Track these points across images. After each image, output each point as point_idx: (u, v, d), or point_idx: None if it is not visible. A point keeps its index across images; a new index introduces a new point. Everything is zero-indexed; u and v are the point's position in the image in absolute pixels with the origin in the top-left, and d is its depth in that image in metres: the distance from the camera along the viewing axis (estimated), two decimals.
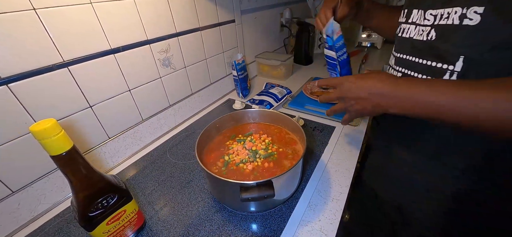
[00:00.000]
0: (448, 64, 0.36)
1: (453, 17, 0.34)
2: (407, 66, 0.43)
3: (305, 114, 0.77)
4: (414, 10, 0.42)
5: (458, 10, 0.33)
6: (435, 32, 0.37)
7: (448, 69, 0.36)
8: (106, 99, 0.56)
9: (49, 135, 0.29)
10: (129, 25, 0.56)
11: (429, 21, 0.38)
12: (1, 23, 0.39)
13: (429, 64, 0.38)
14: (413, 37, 0.42)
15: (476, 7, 0.31)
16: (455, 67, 0.35)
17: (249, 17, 0.99)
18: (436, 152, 0.42)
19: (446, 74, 0.36)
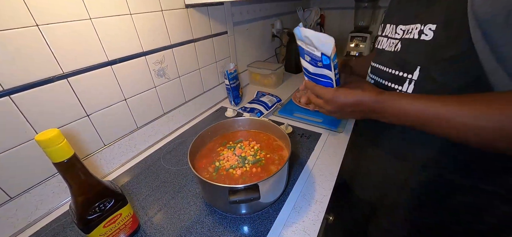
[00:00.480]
0: (408, 73, 0.40)
1: (414, 32, 0.39)
2: (378, 74, 0.48)
3: (294, 122, 0.81)
4: (387, 25, 0.47)
5: (418, 26, 0.38)
6: (401, 44, 0.42)
7: (408, 78, 0.40)
8: (103, 108, 0.59)
9: (53, 144, 0.32)
10: (126, 38, 0.60)
11: (399, 35, 0.43)
12: (7, 39, 0.42)
13: (393, 73, 0.43)
14: (385, 48, 0.47)
15: (431, 25, 0.36)
16: (413, 76, 0.39)
17: (241, 29, 1.04)
18: (399, 149, 0.47)
19: (406, 82, 0.41)
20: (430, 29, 0.36)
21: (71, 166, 0.35)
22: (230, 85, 0.89)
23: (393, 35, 0.45)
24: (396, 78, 0.42)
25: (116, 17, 0.56)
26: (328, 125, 0.77)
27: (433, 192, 0.45)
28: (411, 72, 0.39)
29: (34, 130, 0.48)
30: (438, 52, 0.35)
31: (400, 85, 0.42)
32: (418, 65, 0.38)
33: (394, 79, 0.43)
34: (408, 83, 0.40)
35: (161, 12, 0.67)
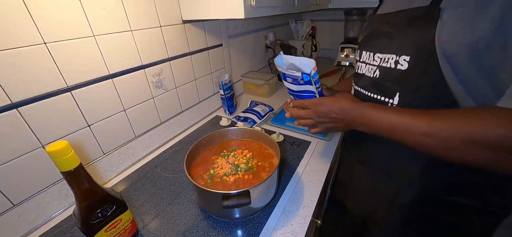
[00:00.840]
0: (388, 98, 0.43)
1: (390, 61, 0.42)
2: (361, 97, 0.50)
3: (285, 130, 0.86)
4: (363, 51, 0.50)
5: (394, 56, 0.41)
6: (379, 71, 0.45)
7: (389, 102, 0.43)
8: (103, 118, 0.62)
9: (62, 154, 0.35)
10: (127, 52, 0.64)
11: (376, 62, 0.46)
12: (17, 56, 0.45)
13: (375, 97, 0.46)
14: (365, 73, 0.49)
15: (405, 56, 0.39)
16: (393, 101, 0.43)
17: (235, 41, 1.09)
18: (386, 167, 0.49)
19: (387, 105, 0.44)
20: (405, 60, 0.39)
21: (77, 174, 0.38)
22: (224, 95, 0.93)
23: (371, 62, 0.47)
24: (377, 102, 0.46)
25: (117, 33, 0.60)
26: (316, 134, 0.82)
27: (420, 209, 0.47)
28: (392, 97, 0.43)
29: (39, 141, 0.51)
30: (414, 81, 0.39)
31: None
32: (397, 91, 0.42)
33: (376, 103, 0.46)
34: None
35: (159, 28, 0.71)
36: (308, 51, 1.61)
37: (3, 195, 0.48)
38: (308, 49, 1.61)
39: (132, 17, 0.63)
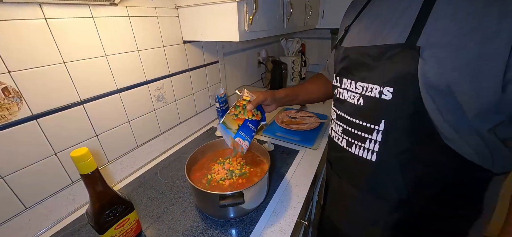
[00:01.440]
0: (374, 125, 0.45)
1: (374, 92, 0.43)
2: (345, 122, 0.52)
3: (276, 140, 0.94)
4: (344, 79, 0.52)
5: (377, 87, 0.43)
6: (363, 100, 0.46)
7: (375, 128, 0.45)
8: (109, 129, 0.68)
9: (84, 159, 0.42)
10: (133, 70, 0.71)
11: (359, 90, 0.47)
12: (39, 74, 0.51)
13: (361, 123, 0.47)
14: (348, 100, 0.51)
15: (388, 88, 0.41)
16: (379, 127, 0.44)
17: (230, 58, 1.19)
18: (373, 188, 0.50)
19: (373, 131, 0.45)
20: (389, 91, 0.41)
21: (93, 177, 0.44)
22: (220, 108, 1.01)
23: (353, 89, 0.49)
24: (363, 127, 0.47)
25: (126, 53, 0.68)
26: (304, 143, 0.90)
27: (409, 226, 0.49)
28: (377, 123, 0.44)
29: (52, 149, 0.56)
30: (398, 110, 0.41)
31: (370, 134, 0.46)
32: (382, 118, 0.43)
33: (361, 128, 0.48)
34: (376, 133, 0.45)
35: (162, 48, 0.79)
36: (298, 67, 1.72)
37: (18, 199, 0.53)
38: (298, 65, 1.72)
39: (139, 38, 0.71)
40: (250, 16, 0.72)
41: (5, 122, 0.48)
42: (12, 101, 0.49)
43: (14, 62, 0.48)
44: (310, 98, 0.80)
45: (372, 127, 0.45)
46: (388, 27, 0.43)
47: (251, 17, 0.72)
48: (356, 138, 0.49)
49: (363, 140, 0.47)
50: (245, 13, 0.71)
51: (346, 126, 0.52)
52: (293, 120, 1.08)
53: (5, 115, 0.48)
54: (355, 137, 0.49)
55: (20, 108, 0.50)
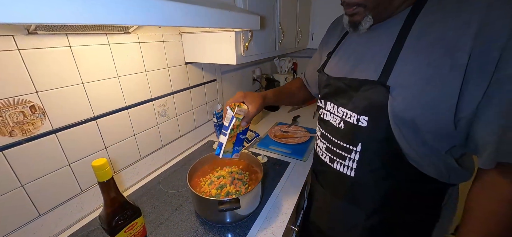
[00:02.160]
0: (353, 146, 0.51)
1: (353, 118, 0.50)
2: (329, 141, 0.58)
3: (269, 153, 1.01)
4: (328, 102, 0.58)
5: (355, 115, 0.49)
6: (343, 124, 0.53)
7: (353, 149, 0.51)
8: (117, 142, 0.75)
9: (103, 168, 0.48)
10: (141, 89, 0.79)
11: (340, 114, 0.53)
12: (62, 93, 0.59)
13: (342, 144, 0.54)
14: (330, 121, 0.57)
15: (364, 116, 0.48)
16: (357, 148, 0.50)
17: (227, 76, 1.28)
18: (351, 199, 0.57)
19: (352, 152, 0.51)
20: (364, 119, 0.48)
21: (109, 184, 0.51)
22: (217, 123, 1.09)
23: (336, 112, 0.55)
24: (343, 147, 0.54)
25: (135, 74, 0.76)
26: (295, 155, 0.98)
27: (382, 230, 0.55)
28: (355, 145, 0.51)
29: (67, 160, 0.63)
30: (372, 135, 0.48)
31: (349, 153, 0.53)
32: (359, 141, 0.50)
33: (341, 148, 0.54)
34: (354, 153, 0.52)
35: (167, 68, 0.88)
36: None
37: (34, 206, 0.58)
38: None
39: (147, 61, 0.79)
40: (246, 43, 0.82)
41: (30, 136, 0.55)
42: (37, 117, 0.56)
43: (41, 83, 0.55)
44: (291, 101, 0.87)
45: (351, 148, 0.52)
46: (364, 63, 0.51)
47: (246, 44, 0.82)
48: (337, 156, 0.56)
49: (343, 158, 0.55)
50: (242, 41, 0.81)
51: (329, 144, 0.58)
52: (285, 134, 1.17)
53: (30, 129, 0.55)
54: (337, 155, 0.56)
55: (43, 123, 0.57)
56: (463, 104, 0.39)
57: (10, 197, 0.54)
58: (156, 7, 0.37)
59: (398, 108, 0.43)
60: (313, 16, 1.61)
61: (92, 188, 0.70)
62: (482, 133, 0.39)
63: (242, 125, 0.64)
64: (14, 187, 0.54)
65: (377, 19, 0.48)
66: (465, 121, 0.40)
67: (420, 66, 0.41)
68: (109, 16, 0.31)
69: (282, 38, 1.13)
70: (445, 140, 0.43)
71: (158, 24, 0.38)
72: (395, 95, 0.43)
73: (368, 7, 0.46)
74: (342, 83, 0.54)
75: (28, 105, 0.54)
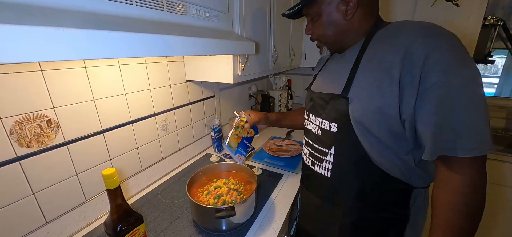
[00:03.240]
0: (328, 149, 0.60)
1: (327, 126, 0.59)
2: (311, 147, 0.67)
3: (263, 165, 1.07)
4: (311, 114, 0.67)
5: (327, 122, 0.59)
6: (320, 131, 0.62)
7: (328, 152, 0.60)
8: (121, 154, 0.80)
9: (112, 177, 0.53)
10: (145, 104, 0.86)
11: (317, 123, 0.63)
12: (75, 109, 0.65)
13: (319, 148, 0.62)
14: (312, 130, 0.66)
15: (334, 123, 0.57)
16: (331, 151, 0.59)
17: (225, 92, 1.36)
18: (330, 198, 0.64)
19: (328, 154, 0.60)
20: (334, 126, 0.57)
21: (116, 192, 0.56)
22: (215, 137, 1.15)
23: (314, 122, 0.64)
24: (320, 150, 0.63)
25: (141, 91, 0.83)
26: (288, 168, 1.04)
27: (358, 227, 0.62)
28: (330, 148, 0.60)
29: (75, 170, 0.67)
30: (341, 138, 0.57)
31: (325, 156, 0.61)
32: (332, 145, 0.59)
33: (321, 152, 0.63)
34: (330, 156, 0.60)
35: (169, 86, 0.95)
36: (285, 100, 1.93)
37: (42, 213, 0.62)
38: (285, 98, 1.93)
39: (152, 79, 0.87)
40: (243, 64, 0.91)
41: (44, 147, 0.60)
42: (52, 130, 0.61)
43: (58, 100, 0.61)
44: (294, 124, 0.97)
45: (327, 151, 0.61)
46: (333, 81, 0.61)
47: (243, 65, 0.91)
48: (317, 159, 0.65)
49: (321, 161, 0.63)
50: (239, 62, 0.90)
51: (311, 150, 0.67)
52: (279, 147, 1.23)
53: (45, 141, 0.60)
54: (316, 158, 0.64)
55: (56, 136, 0.62)
56: (403, 108, 0.48)
57: (21, 204, 0.58)
58: (163, 41, 0.45)
59: (356, 114, 0.53)
60: (305, 37, 1.74)
61: (96, 197, 0.74)
62: (421, 130, 0.47)
63: (245, 126, 0.82)
64: (27, 194, 0.59)
65: (333, 51, 0.65)
66: (408, 121, 0.48)
67: (369, 82, 0.52)
68: (121, 52, 0.38)
69: (276, 59, 1.22)
70: (400, 142, 0.52)
71: (164, 55, 0.46)
72: (353, 105, 0.54)
73: (322, 42, 0.64)
74: (319, 97, 0.64)
75: (45, 119, 0.60)
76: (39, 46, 0.29)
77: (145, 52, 0.42)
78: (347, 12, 0.56)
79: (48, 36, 0.30)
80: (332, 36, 0.60)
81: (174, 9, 0.58)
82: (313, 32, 0.63)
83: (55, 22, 0.32)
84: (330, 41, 0.61)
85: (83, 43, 0.34)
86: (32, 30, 0.29)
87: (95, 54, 0.35)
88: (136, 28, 0.43)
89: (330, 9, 0.57)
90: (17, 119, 0.55)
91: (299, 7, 0.61)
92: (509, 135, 1.66)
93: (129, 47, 0.39)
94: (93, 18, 0.41)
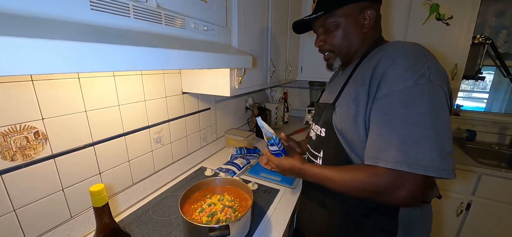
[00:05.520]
0: (318, 152, 0.67)
1: (319, 131, 0.67)
2: (309, 151, 0.74)
3: (259, 180, 1.04)
4: (313, 123, 0.73)
5: (319, 128, 0.66)
6: (315, 136, 0.69)
7: (318, 155, 0.66)
8: (112, 167, 0.77)
9: (100, 194, 0.51)
10: (139, 116, 0.84)
11: (315, 130, 0.69)
12: (65, 120, 0.63)
13: (313, 152, 0.70)
14: (311, 136, 0.73)
15: (323, 129, 0.64)
16: (320, 154, 0.66)
17: (222, 104, 1.35)
18: (322, 200, 0.69)
19: (318, 157, 0.66)
20: (323, 131, 0.64)
21: (103, 210, 0.52)
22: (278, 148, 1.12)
23: (314, 129, 0.71)
24: (314, 155, 0.69)
25: (135, 103, 0.81)
26: (284, 183, 1.02)
27: (344, 230, 0.65)
28: (319, 152, 0.66)
29: (61, 185, 0.64)
30: (327, 143, 0.63)
31: (316, 159, 0.68)
32: (321, 148, 0.66)
33: (313, 156, 0.70)
34: (319, 159, 0.67)
35: (165, 98, 0.93)
36: (281, 113, 1.93)
37: (22, 232, 0.58)
38: (281, 111, 1.93)
39: (147, 91, 0.85)
40: (240, 77, 0.91)
41: (29, 160, 0.57)
42: (39, 142, 0.58)
43: (48, 110, 0.59)
44: None
45: (317, 154, 0.67)
46: (332, 93, 0.67)
47: (240, 78, 0.91)
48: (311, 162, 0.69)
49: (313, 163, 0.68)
50: (236, 75, 0.89)
51: (309, 154, 0.73)
52: None
53: (31, 154, 0.57)
54: (310, 161, 0.70)
55: (43, 148, 0.59)
56: (367, 116, 0.53)
57: (0, 221, 0.54)
58: (161, 55, 0.44)
59: (337, 121, 0.60)
60: (302, 51, 1.77)
61: (82, 214, 0.70)
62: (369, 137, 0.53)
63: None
64: (7, 211, 0.55)
65: (343, 61, 0.66)
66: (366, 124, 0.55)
67: (349, 92, 0.58)
68: (117, 65, 0.38)
69: (273, 72, 1.23)
70: None
71: (162, 68, 0.45)
72: (336, 112, 0.60)
73: (336, 53, 0.65)
74: (318, 107, 0.72)
75: (32, 131, 0.57)
76: (34, 58, 0.28)
77: (142, 66, 0.41)
78: (365, 26, 0.59)
79: (43, 48, 0.29)
80: (346, 47, 0.62)
81: (172, 23, 0.58)
82: (326, 43, 0.65)
83: (50, 34, 0.31)
84: (343, 52, 0.63)
85: (79, 55, 0.32)
86: (26, 42, 0.27)
87: (89, 67, 0.34)
88: (134, 41, 0.42)
89: (351, 21, 0.59)
90: (2, 131, 0.52)
91: (319, 14, 0.60)
92: (502, 150, 1.69)
93: (126, 60, 0.38)
94: (89, 30, 0.40)
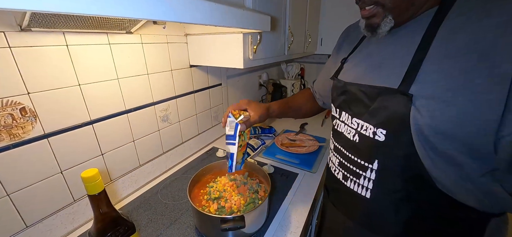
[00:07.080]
0: (368, 163, 0.46)
1: (369, 131, 0.45)
2: (342, 156, 0.53)
3: (276, 162, 0.95)
4: (343, 111, 0.53)
5: (371, 127, 0.44)
6: (358, 136, 0.48)
7: (369, 167, 0.46)
8: (115, 148, 0.70)
9: (93, 180, 0.43)
10: (142, 92, 0.75)
11: (354, 125, 0.49)
12: (56, 95, 0.55)
13: (356, 160, 0.49)
14: (344, 132, 0.52)
15: (381, 129, 0.42)
16: (373, 166, 0.45)
17: (233, 80, 1.24)
18: (367, 223, 0.52)
19: (367, 169, 0.47)
20: (382, 133, 0.42)
21: (100, 198, 0.45)
22: None
23: (350, 124, 0.50)
24: (357, 163, 0.49)
25: (136, 76, 0.72)
26: (303, 166, 0.92)
27: None
28: (371, 162, 0.46)
29: (59, 167, 0.58)
30: (391, 152, 0.43)
31: (364, 171, 0.48)
32: (376, 158, 0.45)
33: (355, 164, 0.49)
34: (370, 171, 0.47)
35: (170, 72, 0.83)
36: (297, 90, 1.78)
37: (20, 217, 0.53)
38: (297, 88, 1.78)
39: (150, 63, 0.75)
40: (254, 46, 0.77)
41: (18, 140, 0.50)
42: (27, 120, 0.51)
43: (33, 84, 0.51)
44: (298, 113, 0.80)
45: (366, 165, 0.47)
46: (383, 70, 0.45)
47: (255, 47, 0.77)
48: (351, 173, 0.51)
49: (358, 176, 0.49)
50: (250, 43, 0.76)
51: (342, 159, 0.53)
52: (292, 142, 1.11)
53: (19, 133, 0.50)
54: (351, 172, 0.51)
55: (33, 127, 0.52)
56: (507, 121, 0.32)
57: None
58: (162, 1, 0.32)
59: (422, 121, 0.37)
60: (322, 20, 1.56)
61: (86, 197, 0.65)
62: None
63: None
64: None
65: (398, 21, 0.43)
66: (509, 142, 0.33)
67: (448, 74, 0.35)
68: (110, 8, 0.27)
69: (291, 43, 1.08)
70: (481, 163, 0.36)
71: (163, 18, 0.33)
72: (419, 106, 0.38)
73: (386, 6, 0.41)
74: (359, 90, 0.48)
75: (18, 107, 0.49)
76: None
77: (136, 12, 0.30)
78: None
79: None
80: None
81: None
82: None
83: None
84: (398, 2, 0.40)
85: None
86: None
87: None
88: None
89: None
90: None
91: None
92: None
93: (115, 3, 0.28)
94: None
